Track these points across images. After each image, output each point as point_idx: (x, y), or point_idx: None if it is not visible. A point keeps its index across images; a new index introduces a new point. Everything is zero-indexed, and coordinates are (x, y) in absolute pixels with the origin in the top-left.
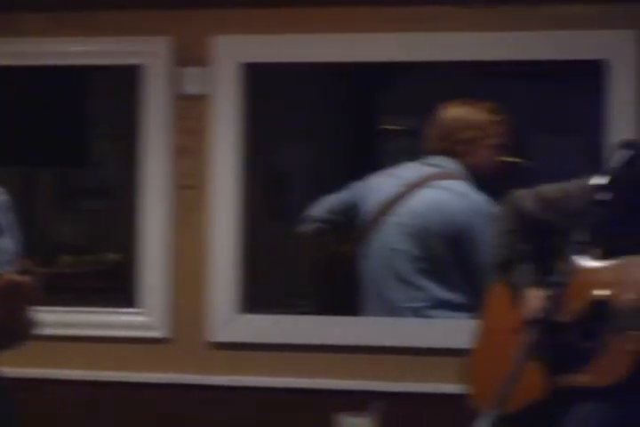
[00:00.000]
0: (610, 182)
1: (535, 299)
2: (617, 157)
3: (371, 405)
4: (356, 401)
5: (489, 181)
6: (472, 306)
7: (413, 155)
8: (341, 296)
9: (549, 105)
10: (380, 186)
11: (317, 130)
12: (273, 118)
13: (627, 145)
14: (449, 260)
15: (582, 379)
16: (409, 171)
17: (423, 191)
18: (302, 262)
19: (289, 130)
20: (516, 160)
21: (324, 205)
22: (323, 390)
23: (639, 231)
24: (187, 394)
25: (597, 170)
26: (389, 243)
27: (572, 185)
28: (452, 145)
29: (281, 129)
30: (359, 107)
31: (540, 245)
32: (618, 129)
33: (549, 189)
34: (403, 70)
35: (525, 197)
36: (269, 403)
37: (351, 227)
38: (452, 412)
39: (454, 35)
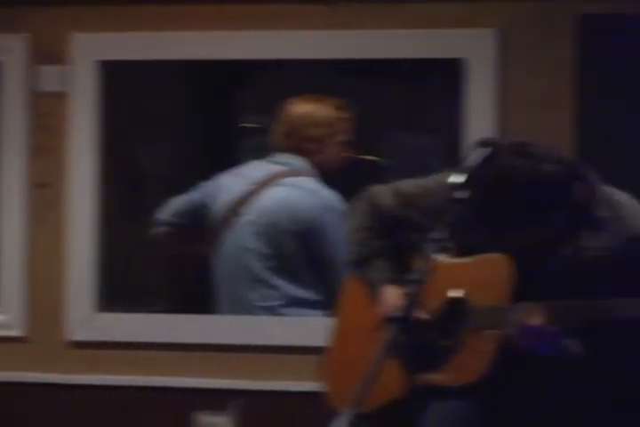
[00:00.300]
0: (467, 181)
1: (392, 297)
2: (474, 156)
3: (229, 403)
4: (214, 400)
5: (338, 178)
6: (327, 303)
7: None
8: (196, 296)
9: (408, 104)
10: (228, 185)
11: (175, 129)
12: (131, 117)
13: (484, 143)
14: (301, 257)
15: (440, 378)
16: (256, 169)
17: (272, 189)
18: (158, 262)
19: (147, 128)
20: (374, 158)
21: (171, 208)
22: (181, 388)
23: (495, 229)
24: (45, 393)
25: (455, 168)
26: (241, 242)
27: (429, 182)
28: (299, 142)
29: (139, 128)
30: (217, 105)
31: (398, 242)
32: (476, 128)
33: (407, 185)
34: (261, 68)
35: (382, 193)
36: (128, 402)
37: (201, 227)
38: (310, 410)
39: (315, 33)
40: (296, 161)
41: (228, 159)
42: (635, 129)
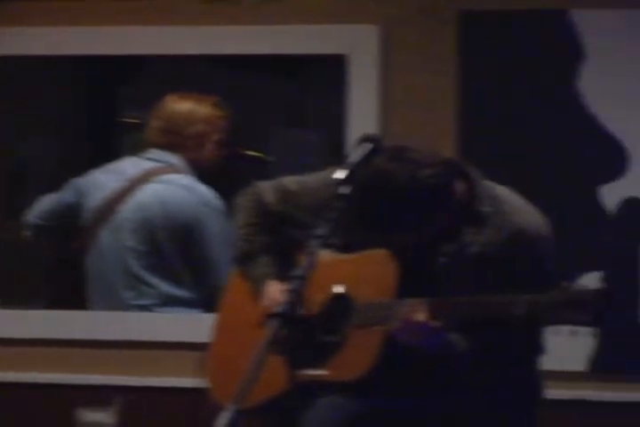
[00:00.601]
0: (348, 177)
1: (275, 293)
2: (357, 152)
3: (111, 400)
4: (96, 396)
5: (216, 175)
6: (204, 303)
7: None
8: (73, 293)
9: (293, 100)
10: (102, 182)
11: (57, 123)
12: (11, 111)
13: (366, 139)
14: (178, 255)
15: (324, 374)
16: (130, 166)
17: (147, 186)
18: (36, 260)
19: (27, 123)
20: (258, 154)
21: (39, 209)
22: (62, 385)
23: (377, 228)
24: None
25: (339, 164)
26: (117, 240)
27: (312, 178)
28: (175, 139)
29: (20, 122)
30: (99, 100)
31: (282, 239)
32: (359, 125)
33: (290, 181)
34: (143, 63)
35: (266, 189)
36: (8, 399)
37: (73, 226)
38: (193, 406)
39: (197, 29)
40: (171, 158)
41: (109, 155)
42: (517, 125)
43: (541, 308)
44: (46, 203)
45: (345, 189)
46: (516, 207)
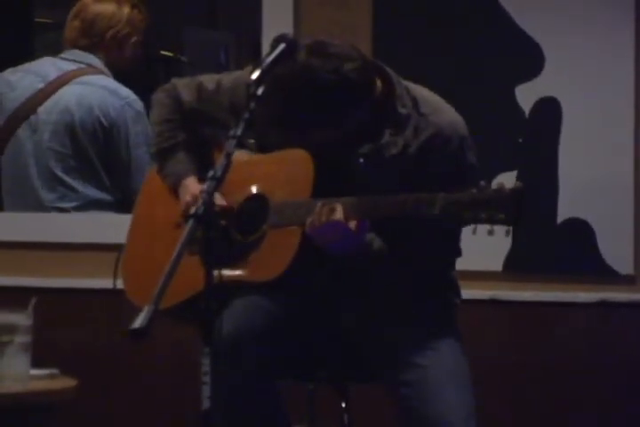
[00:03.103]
0: (261, 76)
1: (192, 192)
2: (271, 52)
3: (28, 301)
4: (11, 298)
5: (130, 76)
6: (127, 206)
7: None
8: None
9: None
10: (18, 82)
11: None
12: None
13: (281, 39)
14: (99, 157)
15: (241, 274)
16: (48, 67)
17: (68, 88)
18: None
19: None
20: (172, 55)
21: None
22: None
23: (294, 127)
24: None
25: (254, 64)
26: (37, 142)
27: (229, 77)
28: (95, 40)
29: None
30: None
31: (199, 137)
32: (275, 24)
33: (208, 80)
34: None
35: (183, 86)
36: None
37: None
38: (109, 307)
39: None
40: (92, 59)
41: (23, 55)
42: (433, 26)
43: (457, 206)
44: None
45: (258, 90)
46: (435, 108)
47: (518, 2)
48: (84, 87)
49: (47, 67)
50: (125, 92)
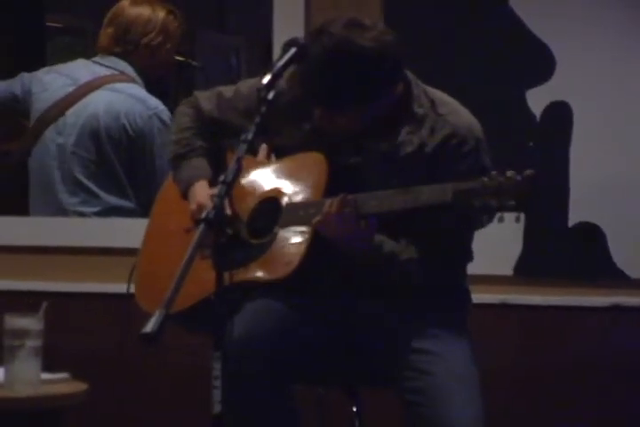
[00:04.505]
0: (272, 80)
1: (202, 196)
2: (282, 56)
3: (40, 305)
4: (25, 302)
5: (161, 83)
6: (147, 214)
7: (79, 54)
8: (11, 197)
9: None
10: (51, 84)
11: None
12: None
13: (290, 43)
14: (123, 165)
15: (253, 274)
16: (81, 71)
17: (98, 93)
18: None
19: None
20: (182, 59)
21: None
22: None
23: (324, 104)
24: None
25: (266, 69)
26: (63, 145)
27: (244, 84)
28: (129, 47)
29: None
30: (23, 3)
31: (219, 146)
32: (286, 28)
33: (226, 89)
34: None
35: (205, 97)
36: None
37: (13, 122)
38: (124, 312)
39: None
40: (124, 66)
41: (34, 60)
42: (446, 30)
43: (468, 194)
44: None
45: (269, 94)
46: (453, 109)
47: (530, 6)
48: (114, 94)
49: (80, 70)
50: (154, 102)
